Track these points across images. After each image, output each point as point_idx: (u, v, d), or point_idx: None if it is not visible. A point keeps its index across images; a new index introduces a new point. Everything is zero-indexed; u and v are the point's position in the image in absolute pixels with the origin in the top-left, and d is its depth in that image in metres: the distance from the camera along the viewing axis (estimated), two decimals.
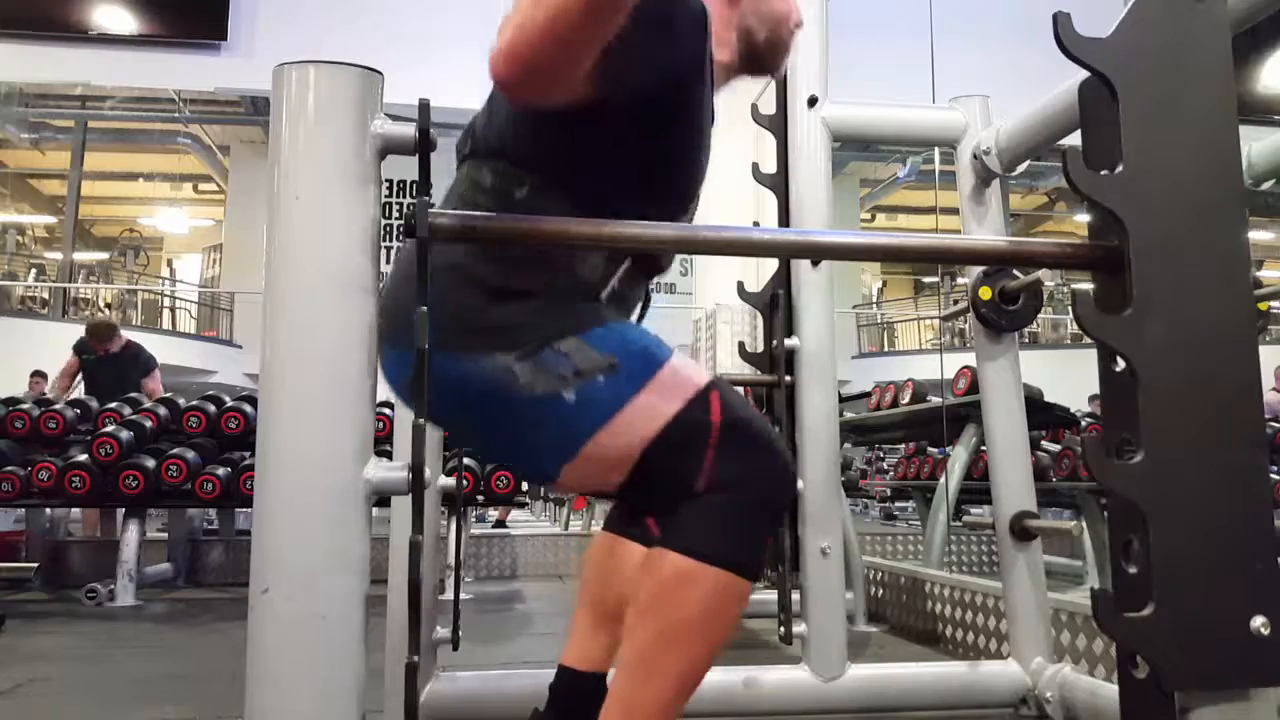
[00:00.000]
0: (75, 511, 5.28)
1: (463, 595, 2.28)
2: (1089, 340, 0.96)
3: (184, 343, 13.18)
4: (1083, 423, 4.45)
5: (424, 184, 0.92)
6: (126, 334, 5.80)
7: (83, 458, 4.04)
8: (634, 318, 1.28)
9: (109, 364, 5.38)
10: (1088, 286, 1.01)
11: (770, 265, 2.22)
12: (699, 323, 5.54)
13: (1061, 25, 0.96)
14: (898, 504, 8.14)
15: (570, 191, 1.13)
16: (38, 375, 7.59)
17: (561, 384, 1.07)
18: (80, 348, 5.54)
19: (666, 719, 1.07)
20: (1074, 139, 1.10)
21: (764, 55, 1.31)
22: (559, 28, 0.91)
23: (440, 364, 0.95)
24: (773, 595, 2.23)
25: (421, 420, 0.89)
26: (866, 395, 4.85)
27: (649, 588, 1.07)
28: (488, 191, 1.15)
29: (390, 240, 10.90)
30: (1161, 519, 0.90)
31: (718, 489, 1.05)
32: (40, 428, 4.22)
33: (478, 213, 1.06)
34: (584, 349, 1.08)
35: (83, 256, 15.41)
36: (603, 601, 1.49)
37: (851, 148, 12.48)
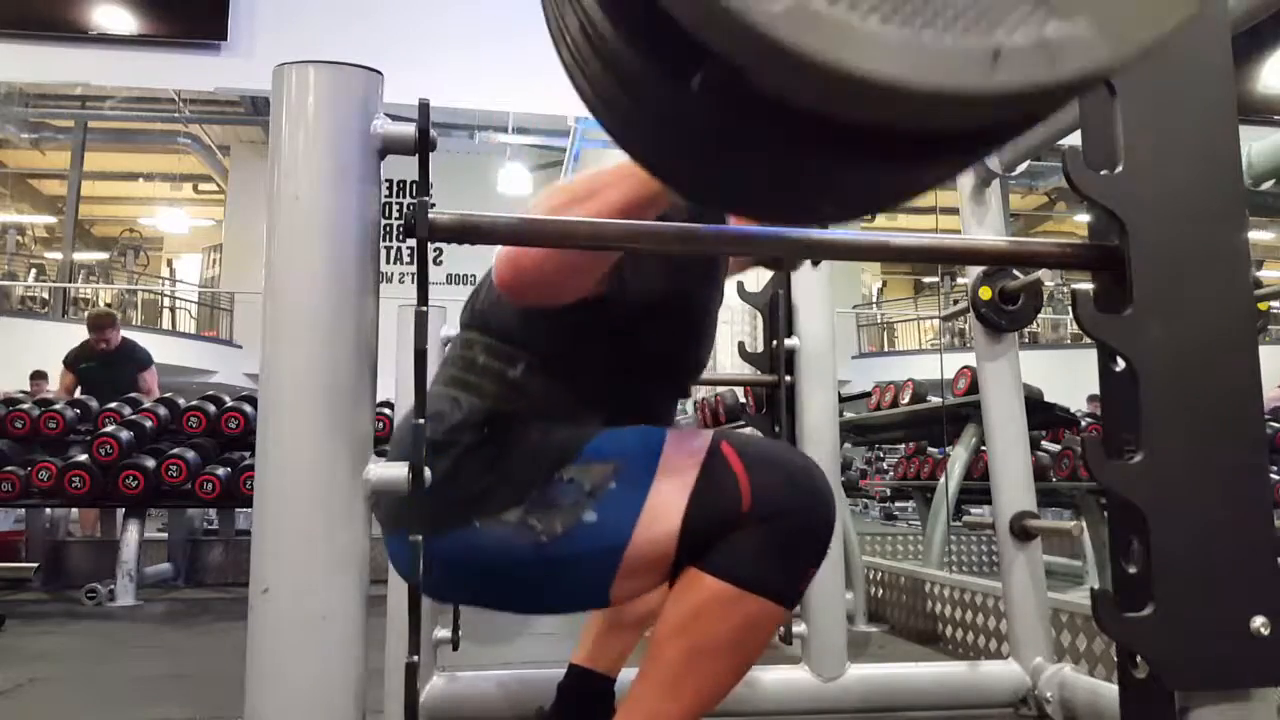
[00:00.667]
0: (75, 511, 5.28)
1: None
2: (1089, 340, 0.96)
3: (184, 343, 13.18)
4: (1083, 423, 4.45)
5: (424, 184, 0.92)
6: (126, 334, 5.79)
7: (83, 458, 4.04)
8: None
9: (106, 364, 5.37)
10: (1088, 286, 1.01)
11: None
12: None
13: None
14: (898, 504, 8.14)
15: (565, 374, 1.15)
16: (38, 377, 7.58)
17: (580, 510, 1.06)
18: (72, 359, 5.50)
19: None
20: (1074, 139, 1.10)
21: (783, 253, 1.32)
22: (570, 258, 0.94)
23: (453, 545, 0.94)
24: None
25: (422, 420, 0.89)
26: (866, 395, 4.85)
27: (684, 608, 1.06)
28: (480, 370, 1.16)
29: (390, 240, 10.93)
30: (1161, 519, 0.90)
31: (759, 523, 1.05)
32: (40, 428, 4.23)
33: (477, 213, 1.06)
34: (585, 467, 1.08)
35: (83, 256, 15.41)
36: (619, 610, 1.49)
37: None
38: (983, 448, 3.36)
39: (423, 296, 0.91)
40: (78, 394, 5.34)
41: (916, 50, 0.33)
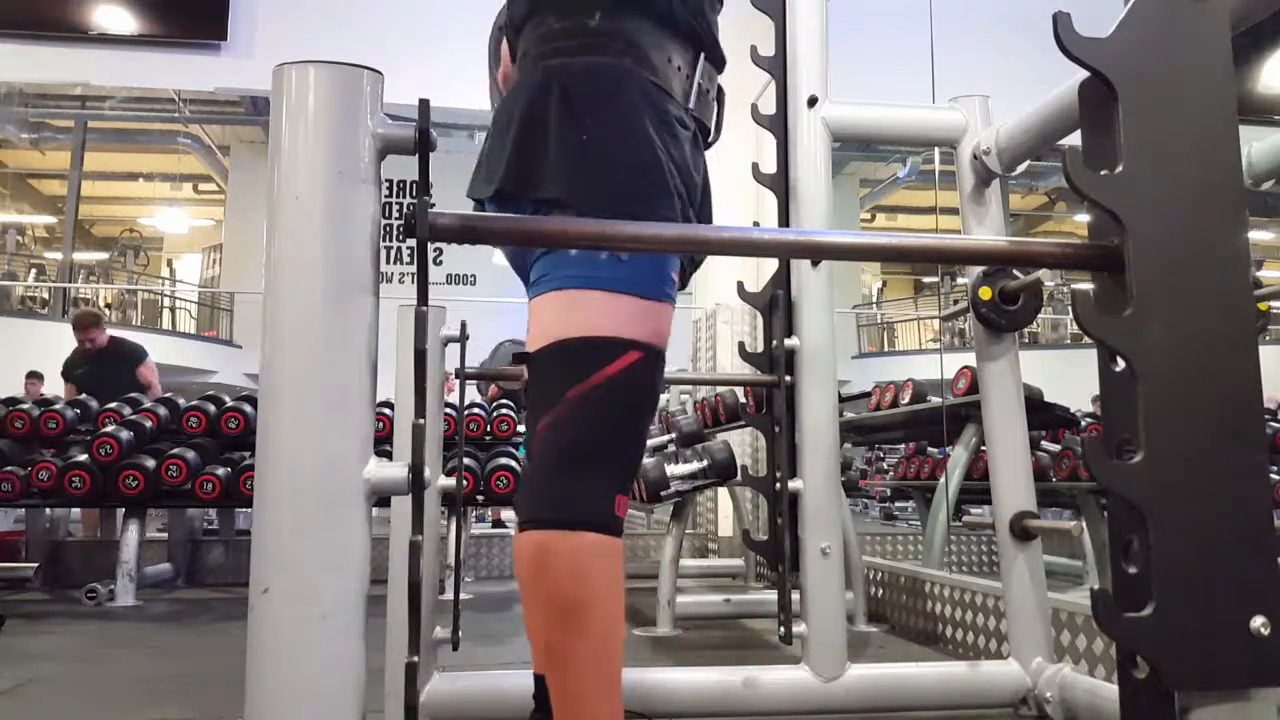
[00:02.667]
0: (75, 511, 5.28)
1: (463, 595, 2.27)
2: (1089, 340, 0.96)
3: (184, 343, 13.19)
4: (1083, 423, 4.45)
5: (424, 184, 0.92)
6: (125, 334, 5.79)
7: (83, 458, 4.04)
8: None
9: (99, 365, 5.34)
10: (1088, 286, 1.01)
11: (770, 265, 2.21)
12: (699, 323, 5.54)
13: (1061, 25, 0.96)
14: (898, 504, 8.14)
15: (640, 6, 1.18)
16: (33, 377, 7.58)
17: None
18: (68, 369, 5.46)
19: (604, 699, 1.07)
20: (1074, 139, 1.10)
21: None
22: None
23: None
24: (773, 595, 2.23)
25: (422, 420, 0.89)
26: (866, 395, 4.85)
27: (526, 576, 1.08)
28: (559, 34, 1.19)
29: (390, 240, 10.91)
30: (1161, 519, 0.90)
31: (551, 441, 1.09)
32: (40, 428, 4.22)
33: (477, 213, 1.07)
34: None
35: (83, 256, 15.41)
36: None
37: (851, 148, 12.48)
38: (983, 448, 3.36)
39: (423, 296, 0.91)
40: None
41: None
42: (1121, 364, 0.95)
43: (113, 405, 4.41)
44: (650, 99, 1.17)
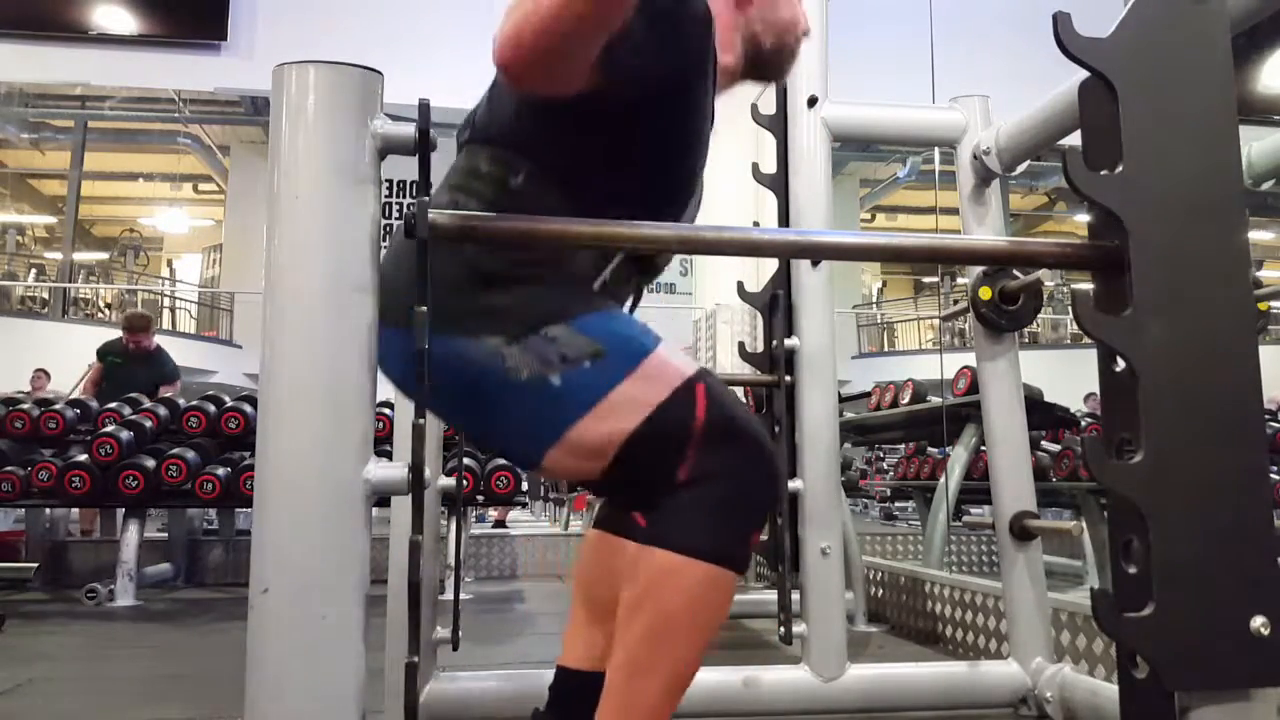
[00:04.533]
0: (75, 511, 5.28)
1: (463, 595, 2.28)
2: (1089, 340, 0.96)
3: (184, 343, 13.18)
4: (1083, 423, 4.45)
5: (424, 184, 0.92)
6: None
7: (83, 458, 4.04)
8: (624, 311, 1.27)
9: (136, 364, 5.35)
10: (1088, 286, 1.01)
11: (770, 265, 2.21)
12: (699, 323, 5.55)
13: (1061, 25, 0.96)
14: (898, 504, 8.14)
15: (564, 182, 1.14)
16: (40, 373, 7.59)
17: (548, 369, 1.08)
18: (103, 351, 5.50)
19: (661, 715, 1.08)
20: (1074, 139, 1.11)
21: (769, 61, 1.32)
22: (562, 16, 0.91)
23: (432, 345, 0.96)
24: (773, 595, 2.23)
25: (422, 420, 0.89)
26: (866, 395, 4.85)
27: (636, 585, 1.08)
28: (483, 177, 1.16)
29: (390, 240, 10.92)
30: (1161, 519, 0.90)
31: (700, 481, 1.06)
32: (40, 428, 4.22)
33: (477, 213, 1.07)
34: (572, 335, 1.09)
35: (83, 256, 15.41)
36: (596, 600, 1.49)
37: (851, 148, 12.49)
38: (983, 448, 3.36)
39: (422, 296, 0.91)
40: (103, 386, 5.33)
41: None
42: (1121, 364, 0.95)
43: (113, 405, 4.41)
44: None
